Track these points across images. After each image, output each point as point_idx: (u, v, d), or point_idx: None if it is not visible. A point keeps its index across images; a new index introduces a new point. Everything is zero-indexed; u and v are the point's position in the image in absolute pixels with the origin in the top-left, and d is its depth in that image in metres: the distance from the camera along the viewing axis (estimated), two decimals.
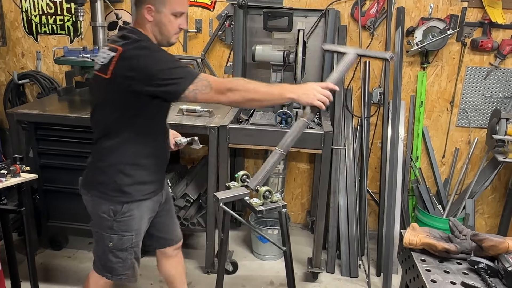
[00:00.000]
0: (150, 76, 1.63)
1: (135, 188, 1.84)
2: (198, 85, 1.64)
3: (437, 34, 2.99)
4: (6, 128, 3.53)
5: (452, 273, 1.33)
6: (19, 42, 3.54)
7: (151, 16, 1.73)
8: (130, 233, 1.88)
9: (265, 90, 1.70)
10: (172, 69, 1.65)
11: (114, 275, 1.94)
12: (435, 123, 3.31)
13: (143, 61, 1.63)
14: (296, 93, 1.68)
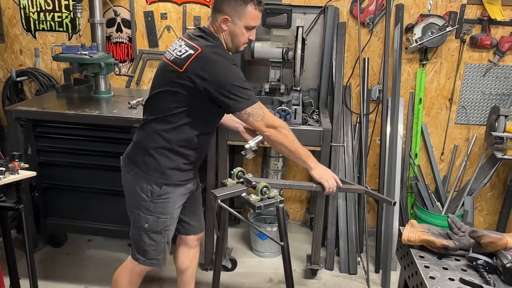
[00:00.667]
0: (221, 84, 1.78)
1: (175, 173, 1.94)
2: (254, 110, 1.82)
3: (436, 31, 2.99)
4: (5, 125, 3.52)
5: (450, 270, 1.34)
6: (17, 39, 3.53)
7: (226, 26, 1.86)
8: (165, 215, 1.97)
9: (298, 146, 1.94)
10: (241, 88, 1.79)
11: (147, 259, 2.03)
12: (434, 120, 3.31)
13: (219, 67, 1.78)
14: (318, 166, 2.00)
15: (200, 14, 3.27)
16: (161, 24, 3.33)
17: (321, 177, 1.98)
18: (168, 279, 2.83)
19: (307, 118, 2.81)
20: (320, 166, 2.01)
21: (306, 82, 3.11)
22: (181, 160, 1.94)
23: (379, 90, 3.19)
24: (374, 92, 3.22)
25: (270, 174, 3.07)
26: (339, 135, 3.08)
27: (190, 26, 3.28)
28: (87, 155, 2.73)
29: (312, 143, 2.57)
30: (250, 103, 1.81)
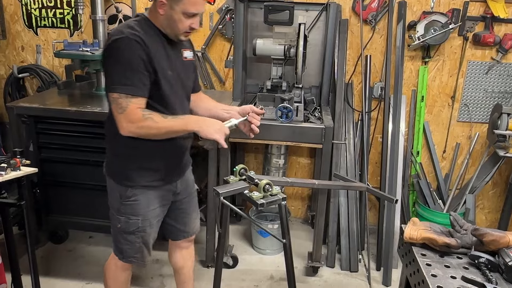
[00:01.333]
0: (106, 61, 1.74)
1: (138, 174, 1.89)
2: (120, 99, 1.69)
3: (439, 28, 2.97)
4: (6, 122, 3.52)
5: (452, 268, 1.33)
6: (19, 35, 3.53)
7: (163, 10, 1.74)
8: (136, 217, 1.93)
9: (168, 127, 1.75)
10: (124, 72, 1.69)
11: (124, 257, 2.02)
12: (436, 118, 3.30)
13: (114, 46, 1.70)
14: (199, 125, 1.77)
15: None
16: None
17: (209, 132, 1.75)
18: (169, 275, 2.84)
19: (308, 115, 2.80)
20: (204, 121, 1.79)
21: (308, 79, 3.10)
22: (143, 158, 1.87)
23: (381, 87, 3.18)
24: (376, 90, 3.21)
25: (271, 171, 3.07)
26: (341, 132, 3.07)
27: None
28: (89, 152, 2.73)
29: (314, 140, 2.56)
30: (121, 90, 1.68)
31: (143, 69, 1.71)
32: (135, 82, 1.70)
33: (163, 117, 1.75)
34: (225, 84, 3.43)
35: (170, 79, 1.82)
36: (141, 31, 1.72)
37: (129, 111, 1.70)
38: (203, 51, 3.34)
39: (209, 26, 3.28)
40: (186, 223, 2.21)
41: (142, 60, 1.70)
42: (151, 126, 1.72)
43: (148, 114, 1.73)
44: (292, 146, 2.96)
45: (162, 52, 1.80)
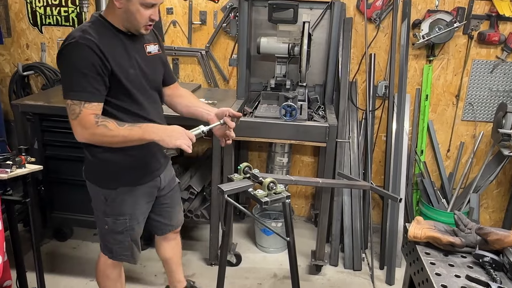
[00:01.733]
0: (60, 68, 1.75)
1: (121, 174, 1.89)
2: (72, 106, 1.67)
3: (444, 26, 2.96)
4: (11, 119, 3.54)
5: (456, 267, 1.33)
6: (23, 33, 3.54)
7: (120, 3, 1.69)
8: (123, 217, 1.95)
9: (125, 135, 1.69)
10: (75, 77, 1.66)
11: (114, 256, 2.05)
12: (441, 116, 3.29)
13: (67, 51, 1.68)
14: (159, 135, 1.69)
15: (206, 9, 3.26)
16: (167, 19, 3.32)
17: (171, 141, 1.67)
18: None
19: (312, 114, 2.80)
20: (164, 131, 1.71)
21: (312, 77, 3.10)
22: (124, 159, 1.85)
23: (385, 86, 3.18)
24: (380, 88, 3.20)
25: (275, 169, 3.07)
26: (344, 131, 3.07)
27: (196, 21, 3.28)
28: None
29: (318, 139, 2.56)
30: (73, 97, 1.66)
31: (95, 74, 1.67)
32: (87, 88, 1.66)
33: (119, 125, 1.69)
34: (229, 83, 3.44)
35: (133, 77, 1.79)
36: (93, 33, 1.69)
37: (81, 117, 1.67)
38: (207, 49, 3.34)
39: (213, 24, 3.28)
40: (171, 217, 2.25)
41: (93, 65, 1.66)
42: (104, 133, 1.68)
43: (102, 121, 1.68)
44: (296, 144, 2.96)
45: (121, 51, 1.76)
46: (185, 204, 2.93)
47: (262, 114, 2.67)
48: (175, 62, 3.41)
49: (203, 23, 3.29)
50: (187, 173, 3.11)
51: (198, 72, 3.43)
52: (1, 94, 3.56)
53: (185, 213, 2.89)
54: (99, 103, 1.72)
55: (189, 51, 3.36)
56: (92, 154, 1.87)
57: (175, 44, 3.37)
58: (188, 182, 2.96)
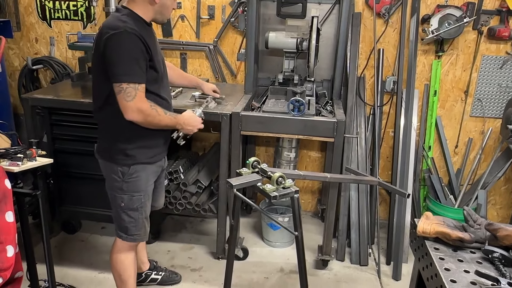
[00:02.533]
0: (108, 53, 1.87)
1: (138, 152, 2.05)
2: (128, 89, 1.86)
3: (453, 22, 2.94)
4: (21, 113, 3.56)
5: (466, 262, 1.33)
6: (32, 27, 3.56)
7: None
8: (138, 193, 2.10)
9: (165, 122, 2.03)
10: (126, 61, 1.85)
11: (128, 235, 2.16)
12: (449, 112, 3.27)
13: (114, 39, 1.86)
14: (185, 125, 2.13)
15: (214, 3, 3.26)
16: (175, 14, 3.32)
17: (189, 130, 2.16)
18: (180, 266, 2.87)
19: (320, 109, 2.80)
20: (188, 123, 2.14)
21: (319, 72, 3.09)
22: (141, 137, 2.02)
23: (394, 81, 3.17)
24: (388, 84, 3.19)
25: (282, 164, 3.07)
26: (352, 126, 3.07)
27: (204, 16, 3.28)
28: None
29: (326, 134, 2.56)
30: (129, 79, 1.85)
31: (142, 59, 1.88)
32: (139, 72, 1.87)
33: (164, 112, 2.00)
34: (236, 77, 3.44)
35: (161, 64, 2.04)
36: (133, 24, 1.88)
37: (137, 99, 1.87)
38: (215, 44, 3.34)
39: (221, 19, 3.28)
40: (157, 199, 2.38)
41: (141, 51, 1.87)
42: (155, 117, 1.95)
43: (153, 106, 1.95)
44: (303, 139, 2.96)
45: (151, 39, 1.98)
46: (193, 198, 2.94)
47: (270, 109, 2.67)
48: (183, 57, 3.42)
49: (211, 18, 3.29)
50: (194, 167, 3.12)
51: (206, 67, 3.43)
52: (11, 88, 3.58)
53: (193, 207, 2.91)
54: (144, 84, 1.92)
55: (197, 45, 3.36)
56: (111, 132, 2.05)
57: (183, 39, 3.38)
58: (196, 176, 2.97)
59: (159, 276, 2.67)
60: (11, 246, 1.74)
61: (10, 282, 1.88)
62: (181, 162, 3.04)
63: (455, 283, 1.22)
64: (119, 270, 2.25)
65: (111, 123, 2.02)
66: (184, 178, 2.93)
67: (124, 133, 2.01)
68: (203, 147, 3.65)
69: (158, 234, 3.18)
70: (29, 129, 2.80)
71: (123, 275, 2.25)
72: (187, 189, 2.92)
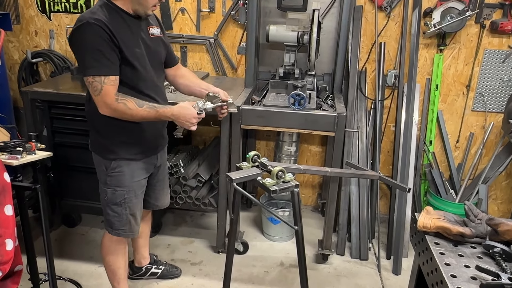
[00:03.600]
0: (76, 48, 1.84)
1: (119, 147, 2.01)
2: (94, 83, 1.80)
3: (456, 15, 2.92)
4: (21, 107, 3.55)
5: (466, 257, 1.32)
6: (32, 20, 3.54)
7: None
8: (121, 188, 2.06)
9: (141, 115, 1.87)
10: (92, 55, 1.78)
11: (113, 229, 2.15)
12: (450, 107, 3.26)
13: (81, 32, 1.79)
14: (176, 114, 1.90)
15: None
16: (175, 7, 3.30)
17: (182, 123, 1.93)
18: (181, 260, 2.87)
19: (321, 103, 2.78)
20: (178, 117, 1.90)
21: (320, 66, 3.08)
22: (123, 133, 1.99)
23: (395, 75, 3.15)
24: (389, 78, 3.17)
25: (283, 158, 3.07)
26: (353, 120, 3.05)
27: (205, 9, 3.26)
28: None
29: (326, 128, 2.55)
30: (93, 72, 1.78)
31: (109, 49, 1.79)
32: (104, 62, 1.79)
33: (138, 105, 1.84)
34: (237, 71, 3.42)
35: (138, 56, 1.91)
36: (102, 15, 1.80)
37: (103, 93, 1.81)
38: (215, 37, 3.32)
39: (221, 12, 3.26)
40: (158, 197, 2.38)
41: (105, 41, 1.78)
42: (124, 111, 1.84)
43: (121, 99, 1.83)
44: (304, 134, 2.95)
45: (127, 31, 1.87)
46: (193, 192, 2.94)
47: (270, 103, 2.66)
48: (183, 50, 3.40)
49: (211, 11, 3.27)
50: (194, 161, 3.12)
51: (206, 60, 3.42)
52: (10, 81, 3.57)
53: (193, 201, 2.90)
54: (116, 76, 1.85)
55: (197, 39, 3.35)
56: (95, 126, 2.03)
57: (183, 32, 3.36)
58: (196, 170, 2.97)
59: (159, 270, 2.68)
60: (10, 240, 1.74)
61: (10, 275, 1.88)
62: (181, 156, 3.04)
63: (455, 278, 1.21)
64: (109, 261, 2.27)
65: (93, 117, 1.98)
66: (184, 172, 2.93)
67: (103, 127, 1.99)
68: (203, 141, 3.64)
69: (158, 228, 3.18)
70: (28, 122, 2.79)
71: (113, 265, 2.27)
72: (187, 183, 2.92)
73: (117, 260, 2.27)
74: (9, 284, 1.90)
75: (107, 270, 2.31)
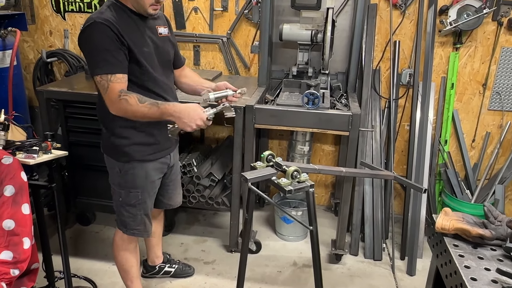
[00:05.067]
0: (85, 48, 1.84)
1: (133, 149, 2.00)
2: (102, 81, 1.79)
3: (472, 13, 2.87)
4: (36, 106, 3.59)
5: (486, 260, 1.30)
6: (47, 20, 3.57)
7: None
8: (136, 189, 2.06)
9: (142, 112, 1.81)
10: (99, 54, 1.78)
11: (128, 229, 2.16)
12: (466, 106, 3.21)
13: (89, 31, 1.80)
14: (177, 117, 1.81)
15: None
16: (188, 6, 3.30)
17: (184, 124, 1.81)
18: (194, 259, 2.88)
19: (335, 102, 2.76)
20: (182, 116, 1.79)
21: (334, 65, 3.05)
22: (136, 134, 1.97)
23: (410, 74, 3.11)
24: (404, 77, 3.14)
25: (296, 158, 3.05)
26: (367, 120, 3.03)
27: (218, 8, 3.26)
28: None
29: (341, 127, 2.53)
30: (101, 72, 1.78)
31: (116, 48, 1.79)
32: (111, 61, 1.78)
33: (140, 101, 1.79)
34: (250, 70, 3.41)
35: (146, 55, 1.91)
36: (110, 14, 1.80)
37: (109, 90, 1.79)
38: (228, 36, 3.31)
39: (234, 10, 3.25)
40: (171, 197, 2.37)
41: (112, 40, 1.77)
42: (126, 108, 1.80)
43: (124, 95, 1.79)
44: (317, 133, 2.93)
45: (135, 30, 1.88)
46: (206, 191, 2.94)
47: (284, 102, 2.64)
48: (196, 49, 3.40)
49: (224, 10, 3.26)
50: (207, 160, 3.12)
51: (219, 59, 3.41)
52: (26, 81, 3.60)
53: (206, 200, 2.91)
54: (124, 74, 1.83)
55: (210, 38, 3.34)
56: (108, 128, 2.01)
57: (196, 31, 3.36)
58: (209, 170, 2.97)
59: (172, 268, 2.69)
60: (27, 238, 1.76)
61: (27, 273, 1.90)
62: (194, 155, 3.04)
63: (475, 281, 1.19)
64: (121, 261, 2.28)
65: (106, 120, 1.96)
66: (198, 171, 2.93)
67: (117, 129, 1.97)
68: (216, 140, 3.64)
69: (172, 226, 3.19)
70: (44, 121, 2.82)
71: (126, 265, 2.28)
72: (201, 182, 2.92)
73: (129, 259, 2.28)
74: (26, 282, 1.92)
75: (119, 269, 2.32)
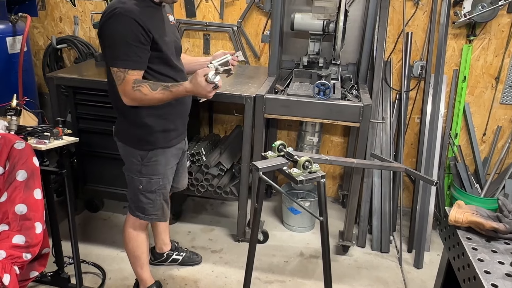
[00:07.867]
0: (105, 37, 1.84)
1: (157, 136, 2.02)
2: (118, 72, 1.81)
3: (487, 5, 2.82)
4: (45, 92, 3.60)
5: (500, 253, 1.29)
6: (57, 6, 3.56)
7: None
8: (157, 176, 2.09)
9: (158, 98, 1.85)
10: (120, 46, 1.78)
11: (146, 215, 2.17)
12: (478, 99, 3.17)
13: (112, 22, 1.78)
14: (192, 89, 1.83)
15: None
16: None
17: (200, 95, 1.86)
18: (201, 247, 2.89)
19: (346, 93, 2.74)
20: (191, 88, 1.83)
21: (345, 56, 3.02)
22: (159, 121, 1.99)
23: (422, 66, 3.08)
24: (416, 69, 3.11)
25: (305, 148, 3.04)
26: (377, 111, 3.00)
27: None
28: None
29: (351, 119, 2.51)
30: (119, 65, 1.80)
31: (138, 43, 1.79)
32: (132, 56, 1.79)
33: (152, 89, 1.82)
34: (260, 59, 3.39)
35: (168, 44, 1.94)
36: (132, 5, 1.79)
37: (125, 82, 1.82)
38: (238, 25, 3.29)
39: None
40: (179, 180, 2.40)
41: (137, 36, 1.77)
42: (141, 98, 1.83)
43: (137, 86, 1.81)
44: (326, 124, 2.91)
45: (156, 20, 1.89)
46: (214, 180, 2.94)
47: (294, 92, 2.62)
48: (206, 38, 3.38)
49: None
50: (216, 149, 3.11)
51: (229, 48, 3.39)
52: (35, 67, 3.61)
53: (215, 189, 2.91)
54: (141, 70, 1.86)
55: (220, 26, 3.32)
56: (127, 118, 2.00)
57: (207, 19, 3.33)
58: (218, 159, 2.96)
59: (180, 256, 2.70)
60: (39, 223, 1.77)
61: (38, 257, 1.92)
62: (203, 144, 3.04)
63: (489, 274, 1.18)
64: (132, 247, 2.28)
65: (127, 110, 1.95)
66: (206, 160, 2.93)
67: (139, 118, 1.97)
68: (225, 129, 3.64)
69: (179, 215, 3.21)
70: (54, 108, 2.82)
71: (136, 251, 2.29)
72: (209, 171, 2.92)
73: (140, 246, 2.29)
74: (36, 266, 1.94)
75: (129, 256, 2.33)
